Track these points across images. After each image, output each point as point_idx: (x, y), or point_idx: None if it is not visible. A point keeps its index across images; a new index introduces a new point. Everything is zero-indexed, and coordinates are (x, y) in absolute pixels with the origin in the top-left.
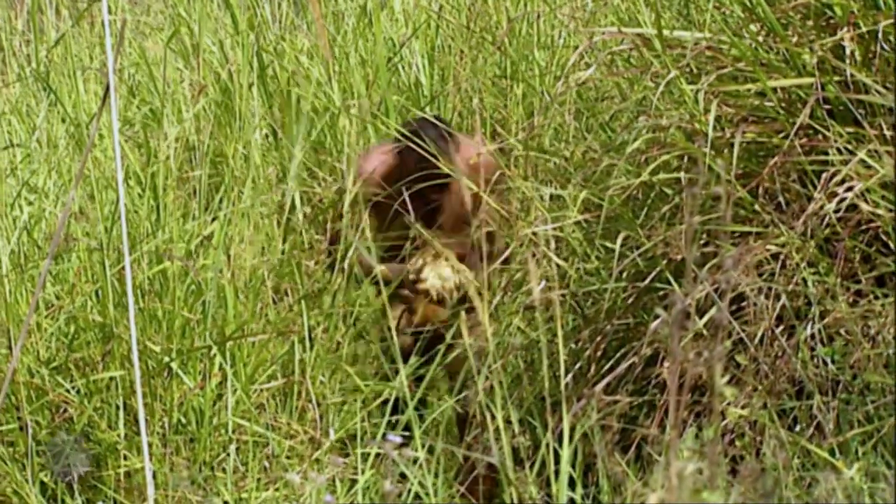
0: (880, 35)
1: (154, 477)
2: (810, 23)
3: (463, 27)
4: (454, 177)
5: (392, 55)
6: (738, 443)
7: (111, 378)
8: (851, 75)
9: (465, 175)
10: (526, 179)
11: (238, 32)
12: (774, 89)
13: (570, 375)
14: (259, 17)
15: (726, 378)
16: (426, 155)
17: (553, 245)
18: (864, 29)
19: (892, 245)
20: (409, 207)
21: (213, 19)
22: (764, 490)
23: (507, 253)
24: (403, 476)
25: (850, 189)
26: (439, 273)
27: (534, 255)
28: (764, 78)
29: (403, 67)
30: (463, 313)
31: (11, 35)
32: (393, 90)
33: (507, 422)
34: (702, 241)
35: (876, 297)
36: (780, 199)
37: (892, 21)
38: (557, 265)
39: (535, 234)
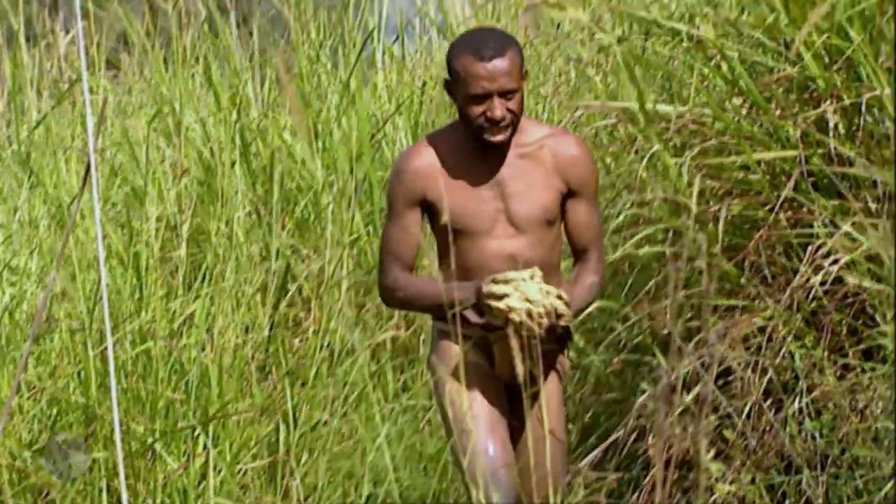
0: (863, 108)
1: None
2: (793, 96)
3: (447, 103)
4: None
5: (375, 131)
6: None
7: (94, 460)
8: (835, 148)
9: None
10: None
11: (220, 110)
12: (759, 162)
13: None
14: (241, 95)
15: (712, 453)
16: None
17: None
18: (847, 102)
19: (878, 318)
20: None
21: (195, 98)
22: None
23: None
24: None
25: (835, 262)
26: (525, 292)
27: (516, 331)
28: (748, 151)
29: (387, 143)
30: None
31: None
32: (377, 166)
33: None
34: (688, 315)
35: (863, 371)
36: (766, 272)
37: (874, 94)
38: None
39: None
